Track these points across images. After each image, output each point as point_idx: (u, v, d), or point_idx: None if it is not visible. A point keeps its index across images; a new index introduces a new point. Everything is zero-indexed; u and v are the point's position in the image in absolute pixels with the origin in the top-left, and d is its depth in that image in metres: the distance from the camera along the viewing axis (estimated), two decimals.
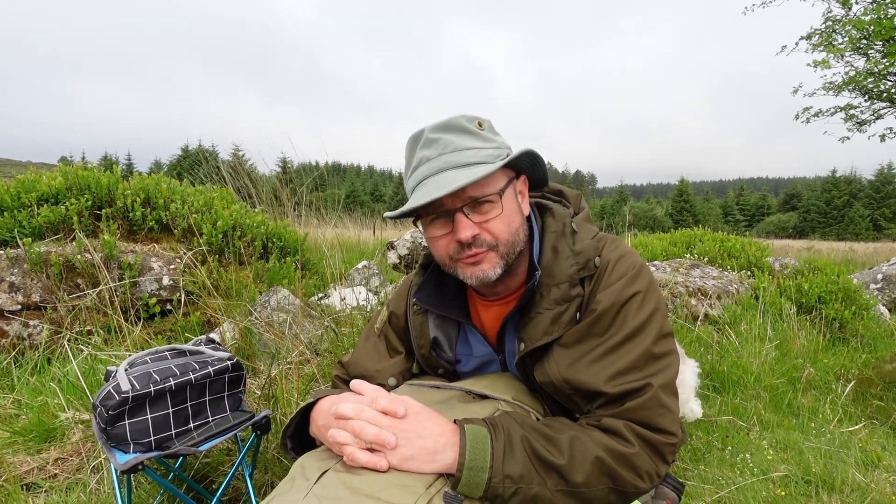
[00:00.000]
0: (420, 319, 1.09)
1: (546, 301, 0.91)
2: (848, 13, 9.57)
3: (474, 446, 0.75)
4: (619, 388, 0.83)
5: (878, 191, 47.17)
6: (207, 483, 1.58)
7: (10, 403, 2.02)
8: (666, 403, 0.83)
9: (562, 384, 0.87)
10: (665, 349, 0.88)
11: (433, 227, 0.93)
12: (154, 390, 1.15)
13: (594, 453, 0.78)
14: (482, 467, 0.74)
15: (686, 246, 5.46)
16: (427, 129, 0.93)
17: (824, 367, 3.13)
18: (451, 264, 0.94)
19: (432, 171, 0.89)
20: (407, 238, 4.53)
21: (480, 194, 0.88)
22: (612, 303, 0.87)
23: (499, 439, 0.77)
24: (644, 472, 0.80)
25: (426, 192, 0.87)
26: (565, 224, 0.98)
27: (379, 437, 0.74)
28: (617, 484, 0.79)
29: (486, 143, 0.92)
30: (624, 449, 0.79)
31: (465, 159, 0.89)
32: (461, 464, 0.74)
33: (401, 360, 1.12)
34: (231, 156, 4.92)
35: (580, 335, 0.89)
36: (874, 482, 1.89)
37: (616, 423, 0.81)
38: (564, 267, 0.92)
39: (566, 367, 0.87)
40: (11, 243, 2.81)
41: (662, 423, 0.82)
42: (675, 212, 49.10)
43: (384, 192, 58.70)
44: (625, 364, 0.84)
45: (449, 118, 0.93)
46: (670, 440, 0.82)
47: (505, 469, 0.74)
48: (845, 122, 10.92)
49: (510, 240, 0.92)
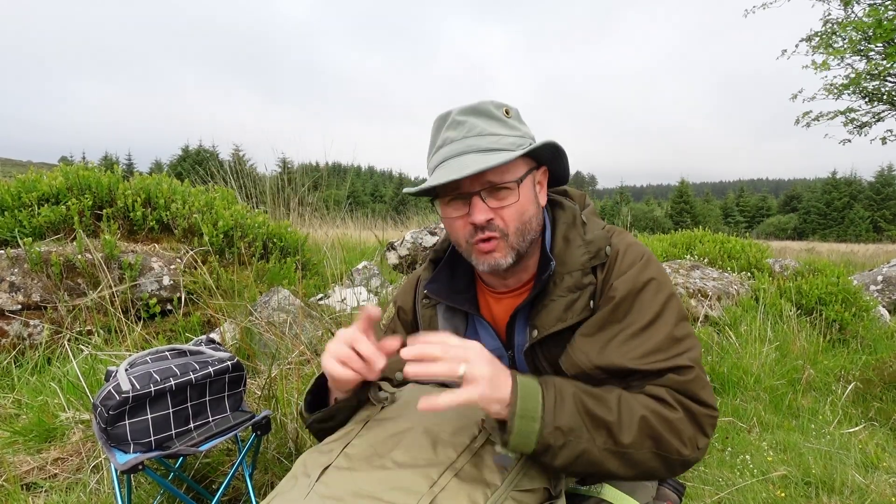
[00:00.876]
0: (430, 313, 1.09)
1: (559, 289, 0.92)
2: (848, 15, 9.58)
3: (526, 394, 0.75)
4: (656, 365, 0.83)
5: (878, 192, 47.16)
6: (207, 483, 1.58)
7: (11, 403, 2.02)
8: (703, 378, 0.85)
9: (594, 371, 0.87)
10: (686, 331, 0.89)
11: (450, 208, 0.94)
12: (154, 390, 1.15)
13: (640, 413, 0.78)
14: (533, 417, 0.74)
15: (686, 247, 5.46)
16: (455, 111, 0.94)
17: (824, 368, 3.13)
18: (466, 247, 0.95)
19: (455, 152, 0.90)
20: (407, 238, 4.54)
21: (499, 180, 0.89)
22: (629, 289, 0.89)
23: (549, 391, 0.77)
24: (687, 437, 0.80)
25: (446, 172, 0.88)
26: (576, 216, 1.00)
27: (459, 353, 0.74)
28: (660, 448, 0.79)
29: (510, 131, 0.93)
30: (668, 413, 0.80)
31: (487, 144, 0.90)
32: (511, 413, 0.74)
33: None
34: (231, 156, 4.92)
35: (602, 322, 0.89)
36: (874, 483, 1.89)
37: (659, 389, 0.82)
38: (577, 255, 0.93)
39: (597, 354, 0.87)
40: (12, 243, 2.81)
41: (703, 395, 0.83)
42: (675, 213, 49.09)
43: (384, 193, 58.71)
44: (650, 347, 0.85)
45: (478, 102, 0.94)
46: (712, 413, 0.83)
47: (556, 420, 0.75)
48: (845, 125, 10.93)
49: (521, 228, 0.93)
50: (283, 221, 3.67)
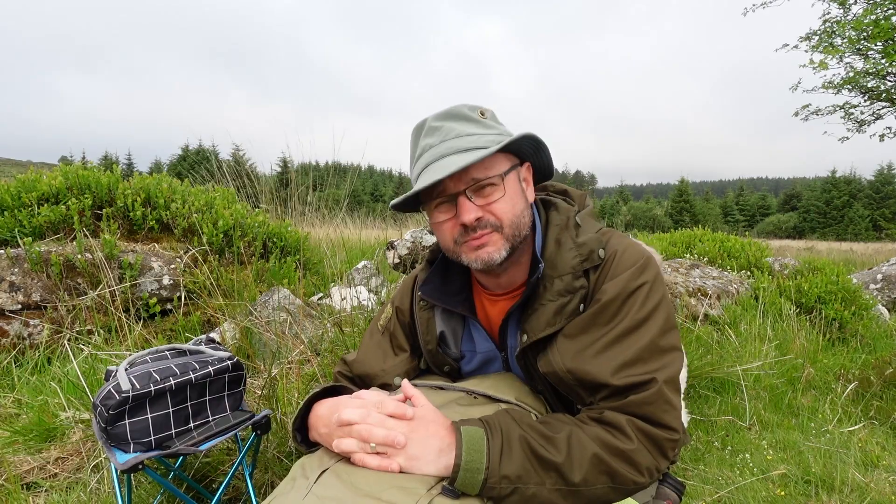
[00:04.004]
0: (427, 315, 1.09)
1: (549, 293, 0.91)
2: (846, 14, 9.57)
3: (470, 447, 0.75)
4: (624, 380, 0.82)
5: (877, 191, 47.18)
6: (207, 483, 1.58)
7: (11, 403, 2.02)
8: (670, 399, 0.83)
9: (565, 374, 0.87)
10: (670, 343, 0.87)
11: (438, 212, 0.94)
12: (154, 390, 1.15)
13: (591, 451, 0.77)
14: (478, 469, 0.74)
15: (686, 246, 5.46)
16: (429, 119, 0.94)
17: (824, 367, 3.13)
18: (455, 249, 0.94)
19: (435, 156, 0.90)
20: (407, 238, 4.54)
21: (483, 176, 0.89)
22: (617, 293, 0.87)
23: (495, 439, 0.77)
24: (644, 468, 0.80)
25: (428, 176, 0.88)
26: (569, 218, 0.98)
27: (388, 437, 0.75)
28: (616, 482, 0.79)
29: (487, 130, 0.93)
30: (622, 445, 0.79)
31: (466, 144, 0.89)
32: (457, 465, 0.74)
33: (406, 358, 1.12)
34: (231, 155, 4.92)
35: (584, 325, 0.88)
36: (873, 482, 1.89)
37: (618, 417, 0.81)
38: (567, 258, 0.92)
39: (571, 358, 0.87)
40: (12, 243, 2.81)
41: (665, 418, 0.82)
42: (674, 212, 49.09)
43: (384, 192, 58.69)
44: (630, 356, 0.84)
45: (451, 107, 0.94)
46: (672, 436, 0.82)
47: (502, 469, 0.74)
48: (844, 121, 10.92)
49: (515, 221, 0.92)
50: (285, 221, 3.67)
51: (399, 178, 61.03)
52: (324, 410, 0.88)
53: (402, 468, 0.74)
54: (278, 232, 3.58)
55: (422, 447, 0.76)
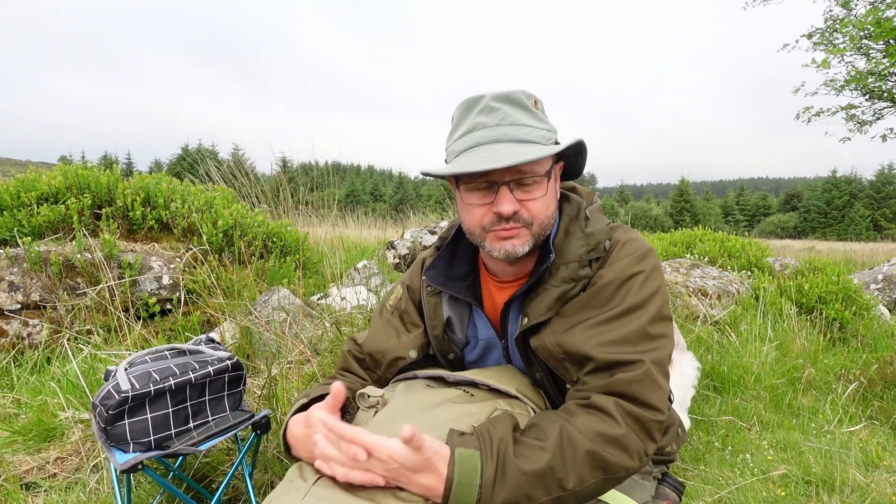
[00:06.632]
0: (434, 301, 1.09)
1: (554, 279, 0.93)
2: (849, 13, 9.56)
3: (462, 476, 0.72)
4: (610, 355, 0.83)
5: (878, 191, 47.13)
6: (207, 483, 1.58)
7: (10, 403, 2.02)
8: (657, 379, 0.83)
9: (554, 347, 0.89)
10: (661, 331, 0.88)
11: (473, 195, 0.93)
12: (154, 390, 1.15)
13: (584, 448, 0.77)
14: (471, 493, 0.71)
15: (686, 246, 5.46)
16: (488, 97, 0.93)
17: (824, 367, 3.12)
18: (481, 234, 0.94)
19: (488, 138, 0.90)
20: (407, 238, 4.53)
21: (529, 171, 0.90)
22: (613, 277, 0.89)
23: (488, 465, 0.73)
24: (634, 451, 0.80)
25: (479, 159, 0.87)
26: (580, 209, 1.00)
27: (368, 479, 0.73)
28: (609, 472, 0.79)
29: (540, 123, 0.94)
30: (612, 431, 0.79)
31: (521, 135, 0.90)
32: (446, 496, 0.71)
33: (420, 333, 1.11)
34: (231, 155, 4.91)
35: (579, 306, 0.90)
36: (874, 482, 1.89)
37: (605, 400, 0.81)
38: (575, 247, 0.94)
39: (561, 333, 0.89)
40: (11, 242, 2.81)
41: (652, 398, 0.82)
42: (675, 212, 49.07)
43: (384, 192, 58.66)
44: (618, 336, 0.85)
45: (510, 90, 0.94)
46: (658, 417, 0.82)
47: (495, 496, 0.72)
48: (846, 122, 10.91)
49: (545, 222, 0.93)
50: (284, 220, 3.67)
51: (399, 177, 60.95)
52: (298, 431, 0.87)
53: (388, 482, 0.73)
54: (278, 232, 3.57)
55: (406, 483, 0.74)
